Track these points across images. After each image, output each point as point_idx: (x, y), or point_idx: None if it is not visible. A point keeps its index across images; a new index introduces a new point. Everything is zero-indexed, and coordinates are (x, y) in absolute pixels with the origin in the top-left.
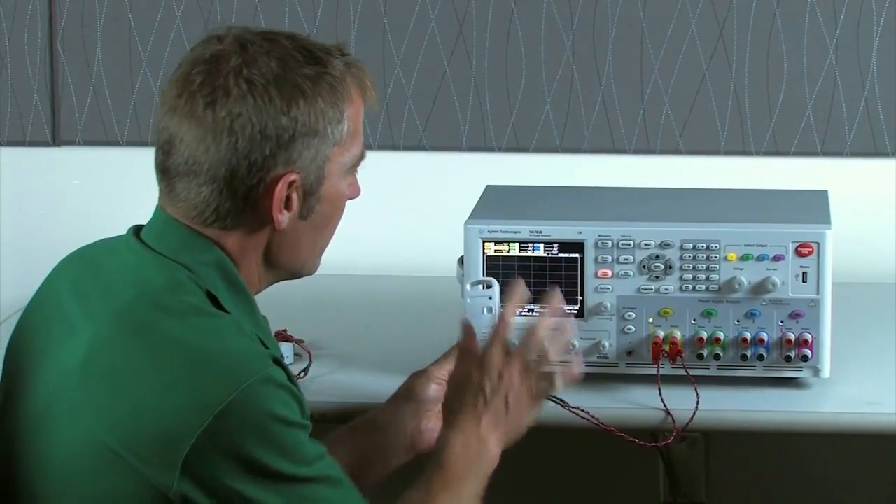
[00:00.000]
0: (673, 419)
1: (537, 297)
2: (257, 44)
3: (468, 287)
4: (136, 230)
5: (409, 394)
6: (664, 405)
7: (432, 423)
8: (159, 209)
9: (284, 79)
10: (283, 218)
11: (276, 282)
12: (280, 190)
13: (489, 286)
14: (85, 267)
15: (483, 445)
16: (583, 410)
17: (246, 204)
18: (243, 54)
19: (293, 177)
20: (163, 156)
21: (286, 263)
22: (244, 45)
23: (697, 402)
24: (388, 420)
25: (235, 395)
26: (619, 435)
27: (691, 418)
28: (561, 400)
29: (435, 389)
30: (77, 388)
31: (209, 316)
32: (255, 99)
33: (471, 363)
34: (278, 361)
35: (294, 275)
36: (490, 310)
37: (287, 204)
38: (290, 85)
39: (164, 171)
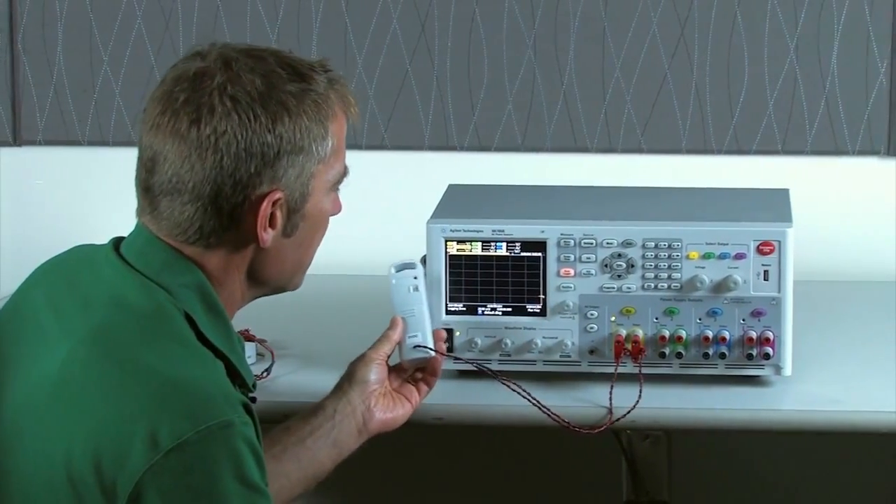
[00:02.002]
0: (611, 414)
1: (500, 296)
2: (241, 61)
3: (393, 270)
4: (116, 243)
5: (352, 379)
6: (610, 402)
7: (381, 403)
8: (141, 226)
9: (269, 96)
10: (267, 236)
11: (259, 297)
12: (265, 208)
13: (413, 267)
14: (62, 278)
15: None
16: (515, 383)
17: (231, 222)
18: (227, 71)
19: (278, 195)
20: (146, 173)
21: (270, 280)
22: (228, 62)
23: (639, 399)
24: (337, 406)
25: (191, 435)
26: (550, 416)
27: (627, 413)
28: (492, 371)
29: (376, 371)
30: (46, 408)
31: (187, 346)
32: (240, 116)
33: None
34: (249, 409)
35: (278, 290)
36: (416, 289)
37: (271, 222)
38: (275, 102)
39: (147, 189)
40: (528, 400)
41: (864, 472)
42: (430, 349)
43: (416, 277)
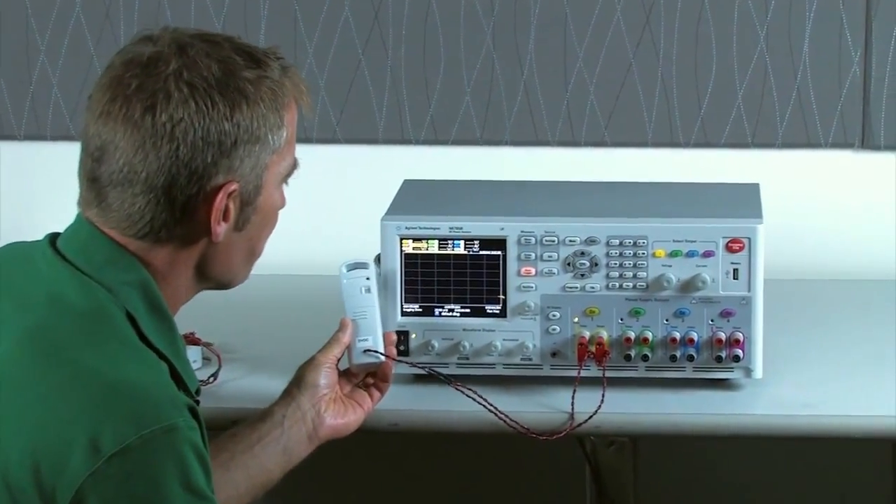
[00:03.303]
0: (572, 420)
1: (458, 296)
2: (196, 46)
3: (344, 269)
4: (52, 239)
5: (301, 383)
6: (572, 407)
7: (332, 409)
8: (83, 220)
9: (226, 83)
10: (220, 230)
11: (201, 291)
12: (220, 200)
13: (365, 267)
14: None
15: None
16: (469, 387)
17: (183, 215)
18: (183, 57)
19: (233, 186)
20: (93, 163)
21: (218, 276)
22: (183, 46)
23: (601, 403)
24: (286, 412)
25: (133, 440)
26: (506, 422)
27: (588, 419)
28: (445, 376)
29: (326, 375)
30: None
31: (129, 347)
32: (198, 103)
33: None
34: (195, 412)
35: (223, 286)
36: (368, 290)
37: (225, 215)
38: (233, 89)
39: (94, 180)
40: (484, 405)
41: (838, 479)
42: (381, 354)
43: (368, 278)
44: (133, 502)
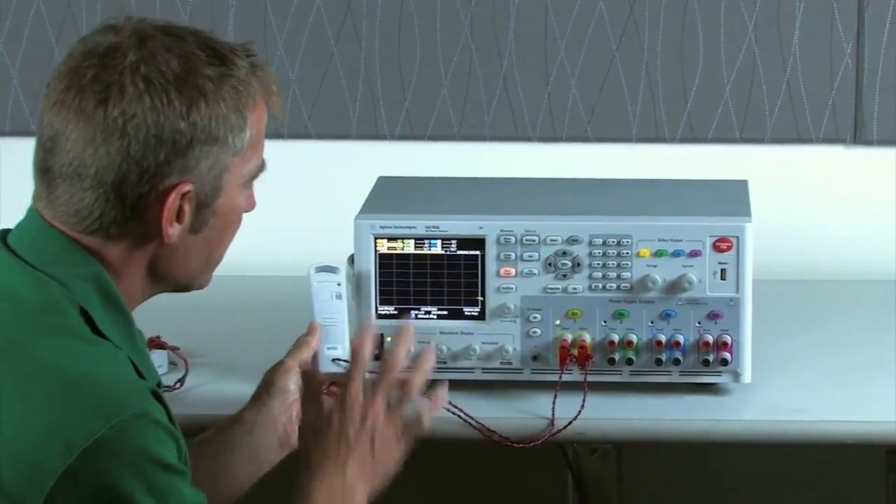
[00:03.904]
0: (552, 425)
1: (434, 298)
2: (158, 38)
3: (313, 272)
4: (3, 235)
5: (270, 388)
6: (552, 413)
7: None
8: (34, 212)
9: (185, 80)
10: (173, 231)
11: (160, 293)
12: (172, 201)
13: (336, 272)
14: None
15: (349, 495)
16: (452, 405)
17: (134, 213)
18: (142, 49)
19: (187, 187)
20: (44, 154)
21: (174, 278)
22: (143, 38)
23: (581, 409)
24: (256, 417)
25: (105, 432)
26: (482, 431)
27: (567, 425)
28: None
29: (296, 379)
30: None
31: (85, 341)
32: (153, 99)
33: (323, 408)
34: (157, 395)
35: (182, 289)
36: (339, 296)
37: (178, 216)
38: (191, 86)
39: (45, 171)
40: (457, 414)
41: (829, 487)
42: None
43: (339, 284)
44: (111, 493)
